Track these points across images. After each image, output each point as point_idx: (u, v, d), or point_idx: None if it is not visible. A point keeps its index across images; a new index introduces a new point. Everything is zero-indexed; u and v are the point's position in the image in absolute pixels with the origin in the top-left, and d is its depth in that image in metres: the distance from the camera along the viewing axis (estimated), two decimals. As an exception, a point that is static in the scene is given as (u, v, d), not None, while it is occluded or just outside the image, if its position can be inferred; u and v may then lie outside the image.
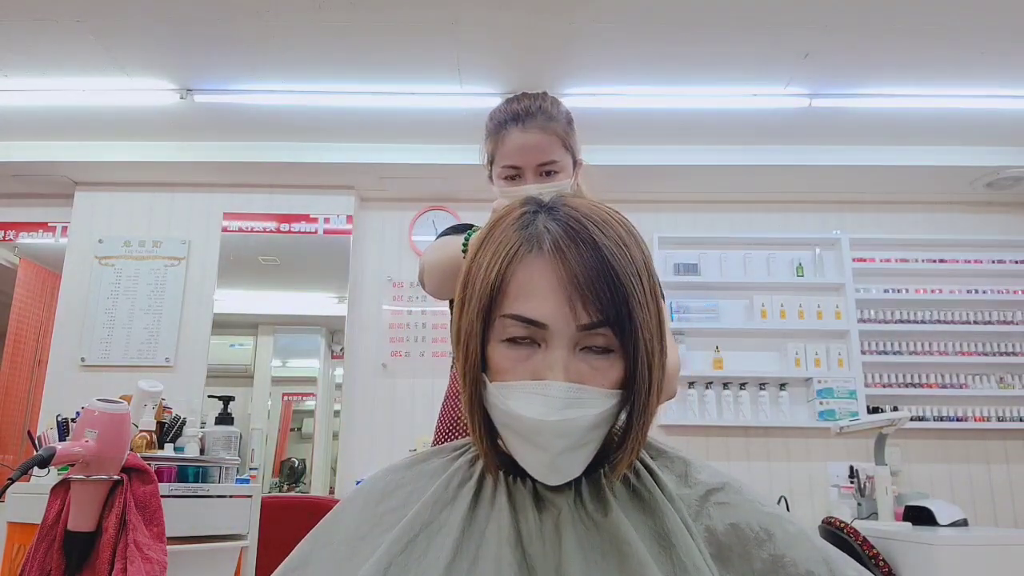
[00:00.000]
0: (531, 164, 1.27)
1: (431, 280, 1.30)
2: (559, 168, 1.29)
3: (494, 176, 1.34)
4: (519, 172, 1.28)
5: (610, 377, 0.64)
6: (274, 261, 3.96)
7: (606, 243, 0.62)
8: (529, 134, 1.27)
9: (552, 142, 1.28)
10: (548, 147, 1.28)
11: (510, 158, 1.28)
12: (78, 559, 1.67)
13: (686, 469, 0.72)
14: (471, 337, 0.65)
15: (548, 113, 1.29)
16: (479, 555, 0.64)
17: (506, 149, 1.28)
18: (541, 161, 1.27)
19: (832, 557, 0.65)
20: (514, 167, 1.28)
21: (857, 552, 2.46)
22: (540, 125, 1.27)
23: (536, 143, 1.27)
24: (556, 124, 1.29)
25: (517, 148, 1.27)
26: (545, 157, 1.27)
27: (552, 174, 1.28)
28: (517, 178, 1.29)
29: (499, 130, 1.30)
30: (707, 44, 2.87)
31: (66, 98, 3.25)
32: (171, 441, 2.35)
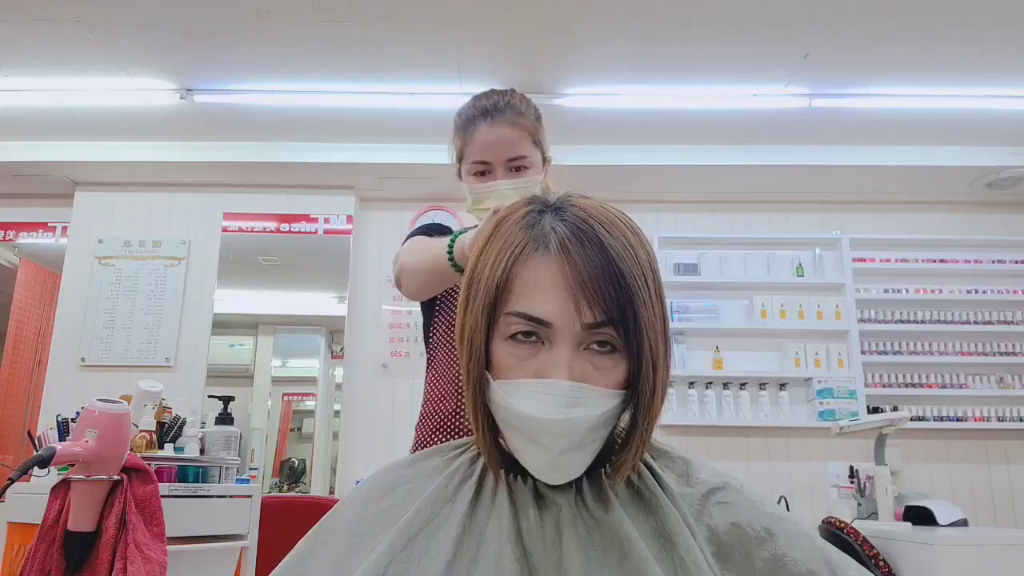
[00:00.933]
0: (500, 159, 1.26)
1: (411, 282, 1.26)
2: (529, 164, 1.28)
3: (463, 173, 1.32)
4: (488, 168, 1.27)
5: (613, 377, 0.64)
6: (274, 261, 3.96)
7: (612, 243, 0.62)
8: (498, 129, 1.25)
9: (521, 137, 1.27)
10: (517, 142, 1.26)
11: (479, 154, 1.26)
12: (78, 559, 1.67)
13: (687, 469, 0.72)
14: (475, 334, 0.65)
15: (516, 108, 1.27)
16: (479, 553, 0.64)
17: (475, 145, 1.27)
18: (511, 156, 1.26)
19: (833, 557, 0.65)
20: (483, 163, 1.27)
21: (857, 552, 2.46)
22: (509, 120, 1.26)
23: (505, 138, 1.25)
24: (525, 119, 1.28)
25: (486, 143, 1.26)
26: (515, 152, 1.26)
27: (522, 169, 1.27)
28: (487, 174, 1.27)
29: (468, 126, 1.28)
30: (707, 44, 2.87)
31: (66, 98, 3.25)
32: (171, 441, 2.35)
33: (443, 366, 1.37)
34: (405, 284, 1.28)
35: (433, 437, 1.36)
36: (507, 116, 1.26)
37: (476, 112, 1.28)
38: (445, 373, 1.36)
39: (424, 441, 1.37)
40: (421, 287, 1.26)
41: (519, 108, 1.28)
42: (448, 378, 1.35)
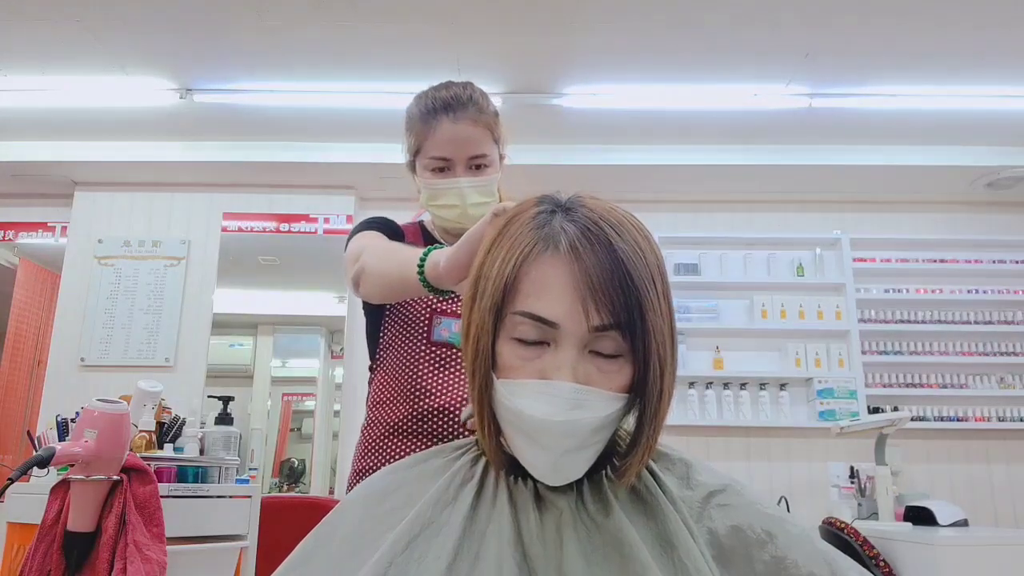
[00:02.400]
0: (462, 157, 1.22)
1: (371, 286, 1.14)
2: (489, 162, 1.25)
3: (419, 167, 1.28)
4: (448, 164, 1.23)
5: (617, 381, 0.64)
6: (274, 261, 3.96)
7: (622, 246, 0.62)
8: (460, 125, 1.21)
9: (483, 135, 1.23)
10: (479, 140, 1.23)
11: (440, 149, 1.22)
12: (78, 559, 1.67)
13: (687, 471, 0.72)
14: (482, 333, 0.65)
15: (479, 104, 1.23)
16: (480, 555, 0.63)
17: (435, 140, 1.22)
18: (472, 154, 1.23)
19: (834, 559, 0.65)
20: (443, 159, 1.23)
21: (857, 552, 2.46)
22: (472, 117, 1.22)
23: (468, 135, 1.22)
24: (486, 116, 1.24)
25: (447, 140, 1.21)
26: (476, 150, 1.23)
27: (482, 168, 1.24)
28: (446, 170, 1.24)
29: (427, 119, 1.23)
30: (707, 44, 2.87)
31: (66, 98, 3.25)
32: (171, 441, 2.35)
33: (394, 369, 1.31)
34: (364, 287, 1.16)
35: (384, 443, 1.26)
36: (469, 112, 1.22)
37: (437, 105, 1.22)
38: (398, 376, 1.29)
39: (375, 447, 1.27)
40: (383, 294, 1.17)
41: (481, 104, 1.24)
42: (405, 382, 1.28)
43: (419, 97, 1.27)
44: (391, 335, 1.35)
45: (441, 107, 1.22)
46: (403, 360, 1.30)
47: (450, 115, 1.21)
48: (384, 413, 1.30)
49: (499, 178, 1.28)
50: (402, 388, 1.27)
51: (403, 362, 1.30)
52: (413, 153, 1.29)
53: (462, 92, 1.23)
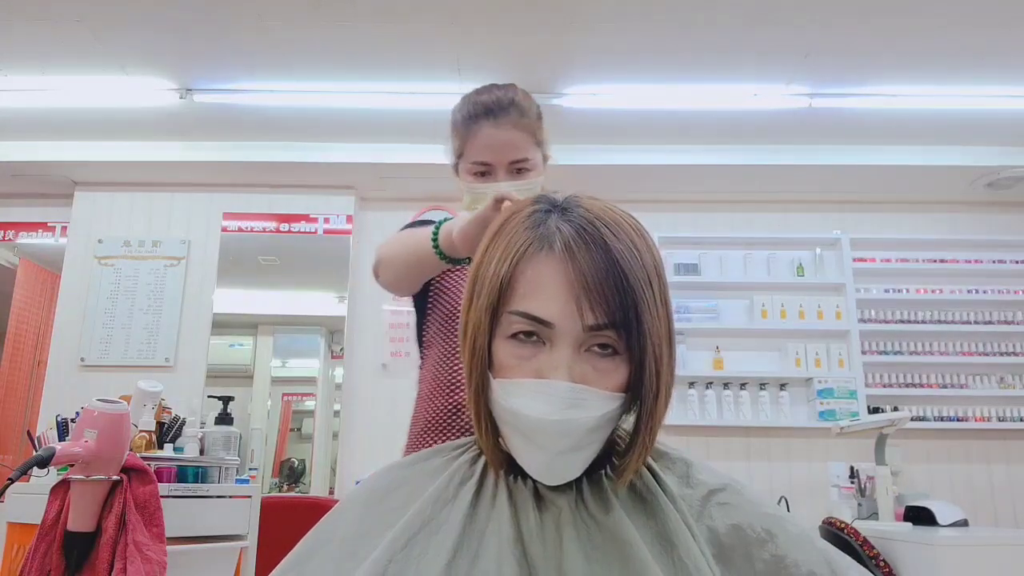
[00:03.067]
0: (503, 161, 1.22)
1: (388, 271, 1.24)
2: (531, 166, 1.24)
3: (461, 171, 1.28)
4: (490, 169, 1.23)
5: (614, 380, 0.63)
6: (274, 261, 3.96)
7: (617, 246, 0.62)
8: (502, 131, 1.21)
9: (525, 139, 1.23)
10: (521, 144, 1.22)
11: (481, 154, 1.22)
12: (78, 559, 1.67)
13: (687, 470, 0.72)
14: (478, 332, 0.65)
15: (520, 108, 1.23)
16: (479, 554, 0.63)
17: (477, 145, 1.22)
18: (513, 158, 1.22)
19: (834, 558, 0.65)
20: (485, 163, 1.23)
21: (857, 552, 2.46)
22: (513, 121, 1.21)
23: (509, 140, 1.21)
24: (528, 120, 1.23)
25: (489, 145, 1.21)
26: (518, 155, 1.22)
27: (524, 171, 1.24)
28: (487, 175, 1.23)
29: (469, 124, 1.23)
30: (707, 44, 2.87)
31: (66, 98, 3.25)
32: (171, 441, 2.35)
33: (437, 363, 1.34)
34: (383, 274, 1.25)
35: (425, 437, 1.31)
36: (511, 116, 1.21)
37: (478, 110, 1.23)
38: (440, 369, 1.32)
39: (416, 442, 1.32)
40: (400, 276, 1.24)
41: (523, 107, 1.23)
42: (443, 375, 1.31)
43: (462, 101, 1.27)
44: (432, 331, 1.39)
45: (483, 112, 1.22)
46: (442, 354, 1.33)
47: (491, 119, 1.21)
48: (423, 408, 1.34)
49: (542, 181, 1.26)
50: (440, 382, 1.31)
51: (442, 356, 1.33)
52: (456, 156, 1.29)
53: (504, 96, 1.23)
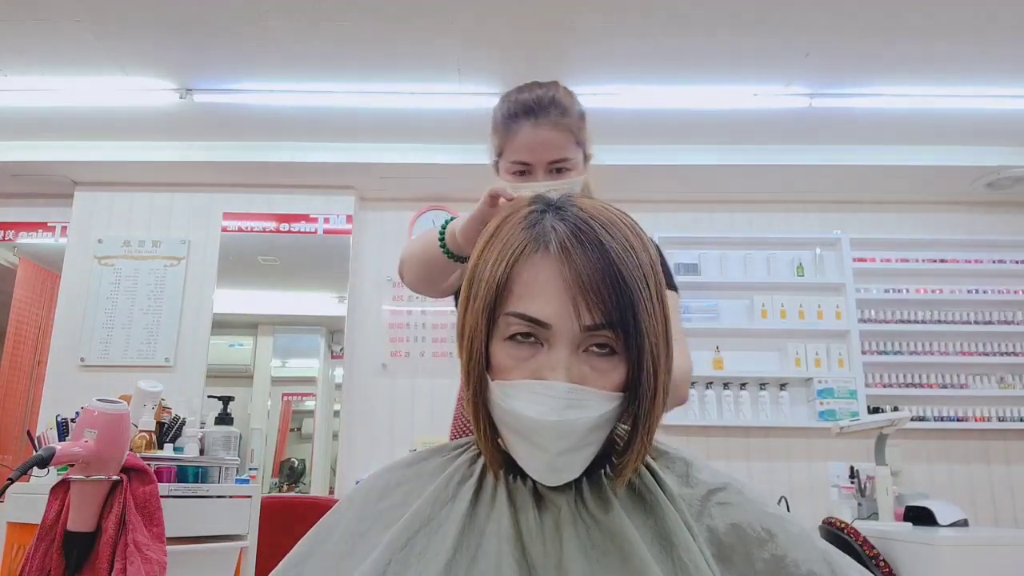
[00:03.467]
0: (542, 161, 1.21)
1: (408, 271, 1.26)
2: (571, 165, 1.23)
3: (501, 170, 1.27)
4: (529, 168, 1.22)
5: (612, 379, 0.63)
6: (274, 261, 3.96)
7: (613, 245, 0.62)
8: (541, 130, 1.20)
9: (565, 139, 1.21)
10: (561, 144, 1.21)
11: (520, 154, 1.21)
12: (77, 559, 1.66)
13: (687, 469, 0.72)
14: (475, 334, 0.65)
15: (562, 106, 1.21)
16: (479, 553, 0.63)
17: (516, 144, 1.21)
18: (553, 159, 1.21)
19: (834, 558, 0.65)
20: (524, 163, 1.22)
21: (857, 552, 2.45)
22: (553, 121, 1.20)
23: (548, 140, 1.20)
24: (569, 119, 1.22)
25: (528, 144, 1.20)
26: (557, 155, 1.21)
27: (563, 171, 1.22)
28: (526, 174, 1.23)
29: (509, 123, 1.22)
30: (707, 44, 2.87)
31: (66, 98, 3.25)
32: (171, 441, 2.35)
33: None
34: (405, 274, 1.27)
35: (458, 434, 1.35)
36: (551, 116, 1.20)
37: (518, 109, 1.21)
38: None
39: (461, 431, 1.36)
40: (418, 277, 1.25)
41: (564, 105, 1.22)
42: None
43: (503, 98, 1.26)
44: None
45: (522, 111, 1.21)
46: None
47: (531, 119, 1.20)
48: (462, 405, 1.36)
49: (582, 180, 1.25)
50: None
51: None
52: (497, 155, 1.28)
53: (544, 94, 1.22)
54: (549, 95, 1.22)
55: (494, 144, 1.28)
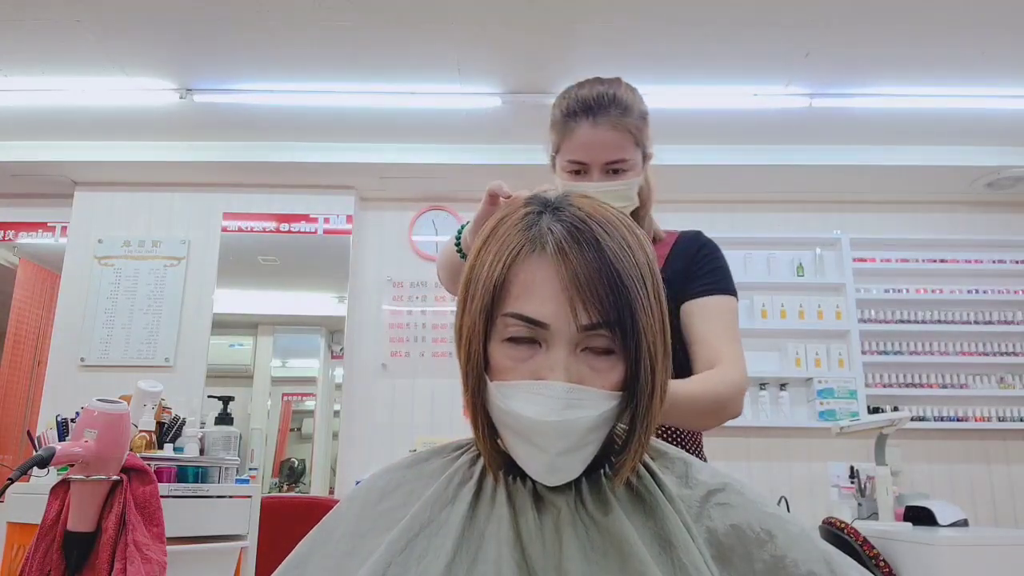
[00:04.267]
0: (599, 162, 1.19)
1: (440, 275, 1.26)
2: (628, 167, 1.21)
3: (558, 168, 1.24)
4: (585, 168, 1.20)
5: (611, 379, 0.64)
6: (274, 261, 3.96)
7: (610, 244, 0.62)
8: (600, 130, 1.17)
9: (623, 139, 1.18)
10: (618, 145, 1.18)
11: (576, 153, 1.19)
12: (78, 559, 1.66)
13: (686, 470, 0.72)
14: (473, 336, 0.65)
15: (622, 105, 1.18)
16: (479, 555, 0.63)
17: (573, 143, 1.19)
18: (610, 159, 1.18)
19: (834, 558, 0.65)
20: (580, 163, 1.19)
21: (857, 552, 2.45)
22: (612, 121, 1.17)
23: (606, 140, 1.17)
24: (629, 120, 1.19)
25: (585, 144, 1.18)
26: (615, 155, 1.18)
27: (620, 172, 1.20)
28: (582, 173, 1.20)
29: (567, 120, 1.19)
30: (707, 44, 2.87)
31: (66, 98, 3.25)
32: (171, 441, 2.35)
33: None
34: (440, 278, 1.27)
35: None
36: (611, 116, 1.17)
37: (577, 106, 1.19)
38: None
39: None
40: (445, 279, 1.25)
41: (624, 104, 1.19)
42: None
43: (563, 94, 1.23)
44: None
45: (582, 109, 1.18)
46: None
47: (590, 118, 1.17)
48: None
49: (640, 181, 1.24)
50: None
51: None
52: (554, 152, 1.25)
53: (605, 91, 1.19)
54: (610, 93, 1.19)
55: (551, 140, 1.25)
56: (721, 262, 1.26)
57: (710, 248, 1.29)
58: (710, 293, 1.21)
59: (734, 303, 1.23)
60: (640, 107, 1.22)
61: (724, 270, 1.25)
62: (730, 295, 1.23)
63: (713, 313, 1.19)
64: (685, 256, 1.26)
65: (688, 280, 1.23)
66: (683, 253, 1.27)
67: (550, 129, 1.25)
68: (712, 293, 1.21)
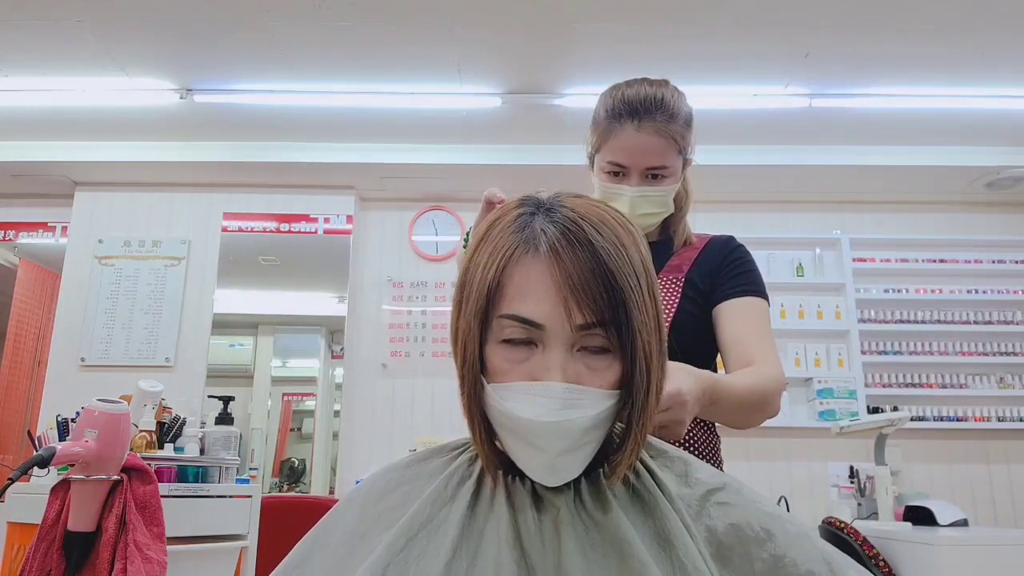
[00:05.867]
0: (639, 166, 1.17)
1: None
2: (668, 173, 1.19)
3: (596, 167, 1.23)
4: (624, 171, 1.18)
5: (608, 378, 0.64)
6: (274, 261, 3.96)
7: (603, 244, 0.62)
8: (643, 135, 1.15)
9: (666, 146, 1.16)
10: (661, 151, 1.16)
11: (617, 156, 1.17)
12: (78, 559, 1.67)
13: (686, 469, 0.72)
14: (469, 338, 0.65)
15: (669, 111, 1.16)
16: (478, 555, 0.64)
17: (615, 145, 1.17)
18: (651, 165, 1.17)
19: (833, 557, 0.65)
20: (620, 166, 1.18)
21: (857, 552, 2.46)
22: (657, 126, 1.15)
23: (649, 146, 1.15)
24: (674, 126, 1.16)
25: (627, 147, 1.16)
26: (656, 161, 1.16)
27: (659, 178, 1.18)
28: (621, 176, 1.19)
29: (611, 121, 1.17)
30: (707, 44, 2.87)
31: (66, 98, 3.25)
32: (171, 441, 2.35)
33: None
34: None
35: None
36: (656, 120, 1.15)
37: (624, 109, 1.16)
38: None
39: None
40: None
41: (671, 110, 1.16)
42: None
43: (609, 92, 1.21)
44: None
45: (627, 111, 1.16)
46: None
47: (635, 122, 1.15)
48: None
49: (676, 188, 1.23)
50: None
51: None
52: (594, 150, 1.24)
53: (653, 94, 1.16)
54: (657, 96, 1.16)
55: (592, 138, 1.23)
56: (752, 266, 1.26)
57: (741, 252, 1.28)
58: (742, 295, 1.21)
59: (766, 306, 1.23)
60: (685, 112, 1.20)
61: (755, 273, 1.25)
62: (762, 298, 1.23)
63: (745, 314, 1.19)
64: (715, 260, 1.26)
65: (718, 283, 1.22)
66: (713, 256, 1.26)
67: (591, 126, 1.24)
68: (744, 295, 1.21)
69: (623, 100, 1.17)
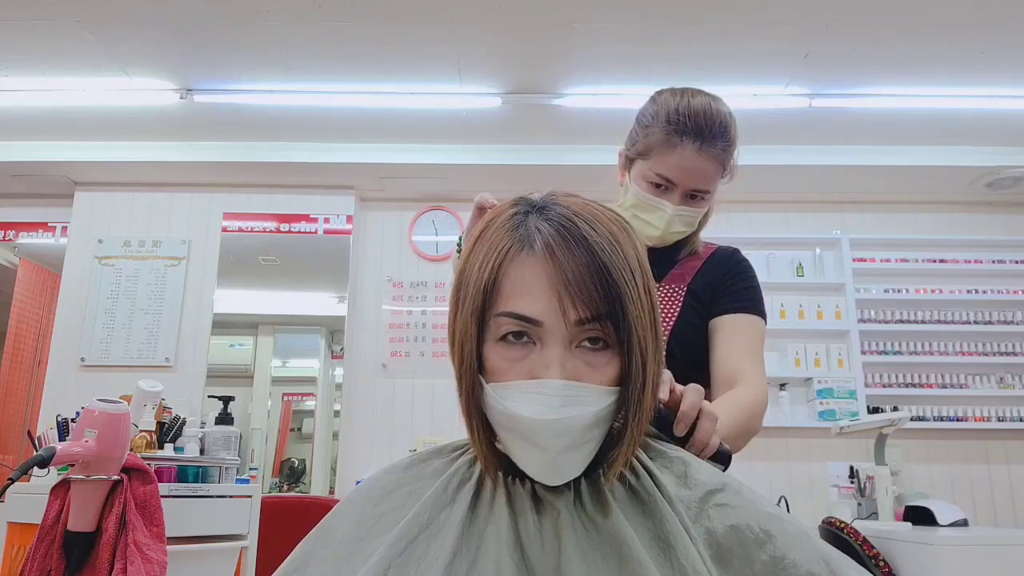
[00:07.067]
0: (687, 186, 1.17)
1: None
2: (708, 196, 1.20)
3: (634, 171, 1.21)
4: (670, 186, 1.17)
5: (607, 374, 0.64)
6: (274, 261, 3.96)
7: (597, 240, 0.63)
8: (702, 159, 1.14)
9: (717, 171, 1.17)
10: (712, 176, 1.17)
11: (669, 171, 1.16)
12: (78, 559, 1.67)
13: (685, 470, 0.72)
14: (466, 338, 0.65)
15: (728, 138, 1.16)
16: (478, 557, 0.63)
17: (670, 160, 1.15)
18: (698, 187, 1.17)
19: (833, 558, 0.65)
20: (668, 181, 1.16)
21: (857, 552, 2.46)
22: (716, 153, 1.14)
23: (704, 171, 1.15)
24: (727, 154, 1.16)
25: (683, 167, 1.15)
26: (704, 185, 1.17)
27: (698, 199, 1.19)
28: (664, 189, 1.18)
29: (670, 134, 1.14)
30: (707, 44, 2.87)
31: (66, 98, 3.25)
32: (171, 441, 2.35)
33: None
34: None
35: None
36: (717, 146, 1.14)
37: (687, 127, 1.13)
38: None
39: None
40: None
41: (730, 138, 1.16)
42: None
43: (671, 100, 1.17)
44: None
45: (691, 130, 1.13)
46: None
47: (697, 143, 1.13)
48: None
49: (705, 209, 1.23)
50: None
51: None
52: (636, 153, 1.21)
53: (716, 116, 1.14)
54: (720, 120, 1.15)
55: (640, 140, 1.20)
56: (753, 282, 1.26)
57: (744, 267, 1.29)
58: (739, 311, 1.21)
59: (762, 325, 1.23)
60: (736, 133, 1.19)
61: (756, 290, 1.25)
62: (758, 316, 1.23)
63: (739, 330, 1.20)
64: (718, 272, 1.26)
65: (718, 296, 1.23)
66: (716, 268, 1.27)
67: (640, 127, 1.20)
68: (741, 311, 1.21)
69: (689, 115, 1.13)
